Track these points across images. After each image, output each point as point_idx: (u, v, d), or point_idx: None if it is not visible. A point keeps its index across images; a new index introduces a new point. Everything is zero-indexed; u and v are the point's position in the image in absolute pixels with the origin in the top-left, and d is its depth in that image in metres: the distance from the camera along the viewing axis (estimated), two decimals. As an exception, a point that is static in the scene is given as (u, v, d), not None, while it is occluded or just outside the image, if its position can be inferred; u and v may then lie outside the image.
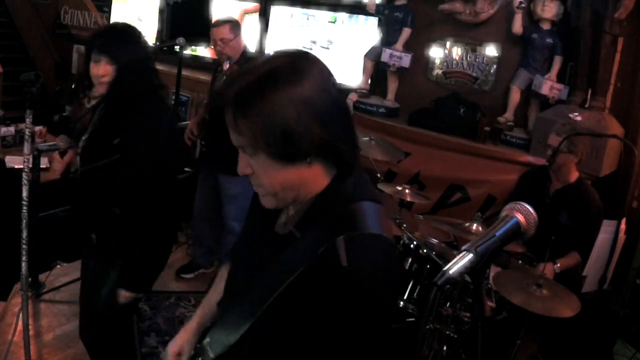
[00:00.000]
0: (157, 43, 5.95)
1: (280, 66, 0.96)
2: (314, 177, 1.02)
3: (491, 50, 4.20)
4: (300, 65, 0.97)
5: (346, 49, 4.79)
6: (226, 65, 3.24)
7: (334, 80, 1.02)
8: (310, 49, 4.82)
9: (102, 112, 1.96)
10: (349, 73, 4.65)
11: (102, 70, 1.87)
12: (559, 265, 2.77)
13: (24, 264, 2.50)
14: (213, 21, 3.53)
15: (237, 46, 3.30)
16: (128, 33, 1.96)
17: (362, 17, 4.69)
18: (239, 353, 1.08)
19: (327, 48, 4.90)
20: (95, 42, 1.89)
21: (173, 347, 1.33)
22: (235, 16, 4.17)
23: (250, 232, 1.21)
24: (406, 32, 4.30)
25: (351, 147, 1.02)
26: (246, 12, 5.44)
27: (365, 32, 4.66)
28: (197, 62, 5.63)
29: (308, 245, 0.99)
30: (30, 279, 2.89)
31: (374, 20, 4.59)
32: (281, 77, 0.94)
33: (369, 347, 0.99)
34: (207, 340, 1.15)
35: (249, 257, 1.17)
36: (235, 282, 1.21)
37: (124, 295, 1.93)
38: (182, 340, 1.33)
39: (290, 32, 5.11)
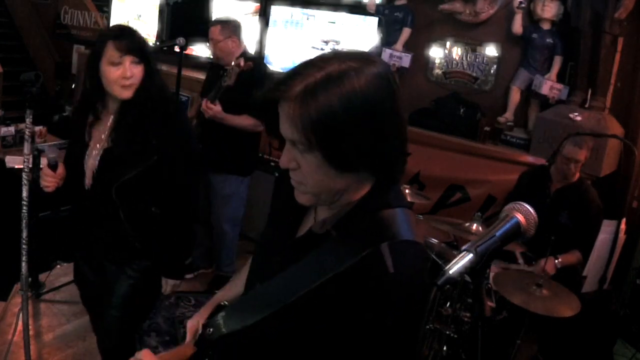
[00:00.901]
0: (157, 43, 5.95)
1: (351, 68, 0.92)
2: (359, 185, 1.02)
3: (491, 50, 4.20)
4: (371, 70, 0.93)
5: (346, 49, 4.79)
6: (241, 62, 3.11)
7: (399, 90, 0.99)
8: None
9: (126, 117, 1.83)
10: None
11: (130, 72, 1.76)
12: (560, 260, 2.77)
13: (24, 264, 2.50)
14: (212, 21, 3.52)
15: (225, 47, 3.23)
16: (137, 32, 1.87)
17: (362, 17, 4.69)
18: (252, 336, 1.08)
19: (323, 49, 4.89)
20: (120, 43, 1.75)
21: (192, 323, 1.32)
22: (236, 16, 4.16)
23: (279, 225, 1.20)
24: (406, 32, 4.30)
25: (403, 165, 1.03)
26: (246, 13, 5.44)
27: (365, 32, 4.66)
28: (196, 62, 5.63)
29: (348, 247, 0.98)
30: (30, 279, 2.89)
31: (374, 20, 4.59)
32: (352, 79, 0.91)
33: (397, 354, 0.99)
34: (222, 314, 1.15)
35: (277, 249, 1.16)
36: (261, 271, 1.20)
37: (171, 284, 2.02)
38: (201, 317, 1.32)
39: (290, 32, 5.11)
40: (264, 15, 5.32)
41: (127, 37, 1.78)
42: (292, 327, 1.03)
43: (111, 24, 6.47)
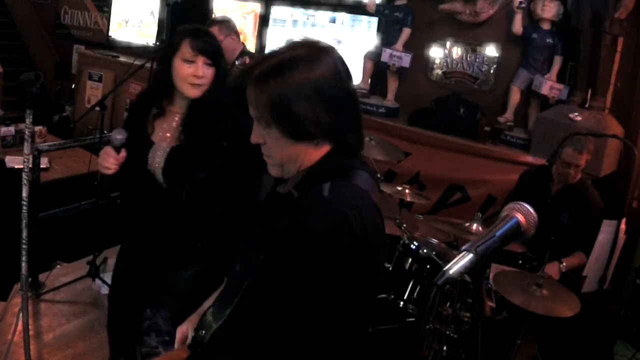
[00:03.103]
0: (157, 43, 5.95)
1: (300, 55, 1.08)
2: (317, 152, 1.12)
3: (491, 50, 4.20)
4: (318, 55, 1.09)
5: (346, 49, 4.79)
6: (247, 60, 3.18)
7: (349, 73, 1.13)
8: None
9: (195, 117, 1.82)
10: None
11: (202, 72, 1.76)
12: (564, 264, 2.77)
13: (24, 264, 2.50)
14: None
15: (227, 46, 3.24)
16: (214, 36, 1.86)
17: (362, 17, 4.69)
18: (237, 321, 1.13)
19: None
20: (196, 42, 1.75)
21: (181, 329, 1.35)
22: (235, 16, 4.17)
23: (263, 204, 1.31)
24: (406, 32, 4.30)
25: (357, 136, 1.14)
26: (246, 14, 5.44)
27: (365, 32, 4.66)
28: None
29: (300, 201, 1.08)
30: (30, 279, 2.88)
31: (374, 20, 4.58)
32: (299, 64, 1.06)
33: (349, 285, 1.03)
34: (211, 310, 1.19)
35: (255, 226, 1.25)
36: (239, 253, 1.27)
37: None
38: (191, 323, 1.34)
39: (290, 32, 5.10)
40: (264, 15, 5.31)
41: (203, 37, 1.79)
42: (265, 290, 1.08)
43: (111, 24, 6.48)
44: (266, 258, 1.07)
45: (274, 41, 5.17)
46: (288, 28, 5.11)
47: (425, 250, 2.65)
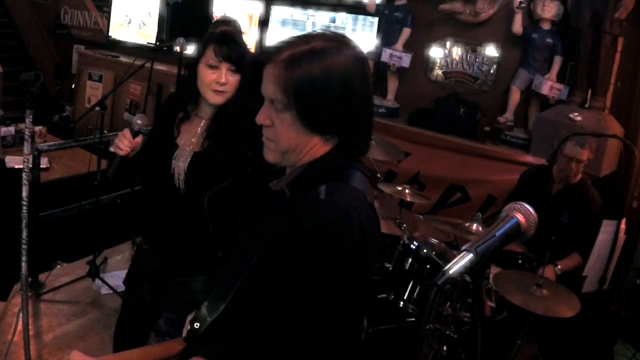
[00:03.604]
0: (157, 43, 5.95)
1: (332, 47, 1.06)
2: (322, 147, 1.10)
3: (491, 50, 4.20)
4: (348, 51, 1.07)
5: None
6: None
7: (370, 74, 1.13)
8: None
9: (219, 124, 1.79)
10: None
11: (225, 79, 1.73)
12: (560, 267, 2.77)
13: (24, 264, 2.50)
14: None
15: None
16: (242, 42, 1.80)
17: (362, 17, 4.69)
18: (231, 317, 1.12)
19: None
20: (221, 48, 1.72)
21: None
22: (236, 15, 4.17)
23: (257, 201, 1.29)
24: (406, 32, 4.30)
25: (366, 138, 1.13)
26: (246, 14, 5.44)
27: (365, 32, 4.66)
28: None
29: (294, 201, 1.07)
30: (30, 279, 2.88)
31: (374, 20, 4.59)
32: (333, 55, 1.05)
33: (346, 285, 1.02)
34: (205, 304, 1.18)
35: (248, 227, 1.24)
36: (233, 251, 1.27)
37: None
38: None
39: (290, 32, 5.10)
40: (264, 15, 5.31)
41: (228, 44, 1.75)
42: (260, 289, 1.07)
43: (111, 24, 6.48)
44: (260, 257, 1.06)
45: (274, 41, 5.16)
46: (288, 28, 5.11)
47: (425, 250, 2.65)
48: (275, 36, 5.17)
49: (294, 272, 1.00)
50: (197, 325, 1.18)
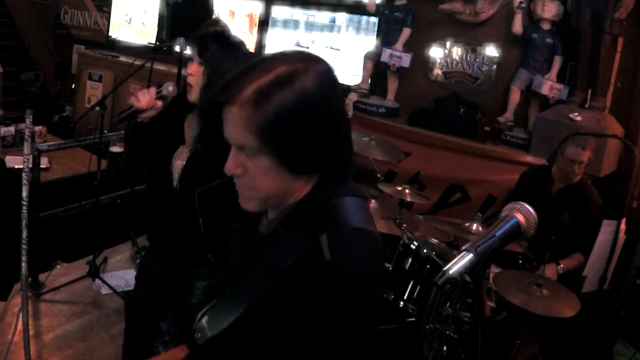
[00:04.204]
0: (157, 43, 5.96)
1: (299, 69, 0.92)
2: (306, 184, 1.00)
3: (491, 50, 4.20)
4: (316, 69, 0.94)
5: (346, 49, 4.79)
6: None
7: (340, 84, 1.00)
8: (307, 47, 4.82)
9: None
10: (349, 73, 4.65)
11: (190, 69, 1.74)
12: (562, 266, 2.78)
13: (24, 264, 2.50)
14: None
15: None
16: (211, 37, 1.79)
17: (362, 17, 4.69)
18: (233, 336, 1.10)
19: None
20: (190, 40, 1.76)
21: None
22: (236, 15, 4.16)
23: (241, 230, 1.22)
24: (406, 32, 4.30)
25: (349, 164, 1.02)
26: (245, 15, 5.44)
27: (365, 32, 4.66)
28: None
29: (292, 242, 0.98)
30: (30, 279, 2.88)
31: (374, 20, 4.59)
32: (302, 80, 0.91)
33: (356, 342, 0.99)
34: (206, 319, 1.16)
35: (240, 253, 1.19)
36: (234, 271, 1.23)
37: None
38: None
39: (290, 32, 5.11)
40: (264, 15, 5.32)
41: (197, 38, 1.77)
42: (259, 326, 1.03)
43: (111, 24, 6.49)
44: (265, 293, 1.01)
45: (274, 41, 5.17)
46: (288, 28, 5.11)
47: (425, 250, 2.65)
48: (275, 36, 5.17)
49: (305, 323, 0.97)
50: (198, 335, 1.17)
